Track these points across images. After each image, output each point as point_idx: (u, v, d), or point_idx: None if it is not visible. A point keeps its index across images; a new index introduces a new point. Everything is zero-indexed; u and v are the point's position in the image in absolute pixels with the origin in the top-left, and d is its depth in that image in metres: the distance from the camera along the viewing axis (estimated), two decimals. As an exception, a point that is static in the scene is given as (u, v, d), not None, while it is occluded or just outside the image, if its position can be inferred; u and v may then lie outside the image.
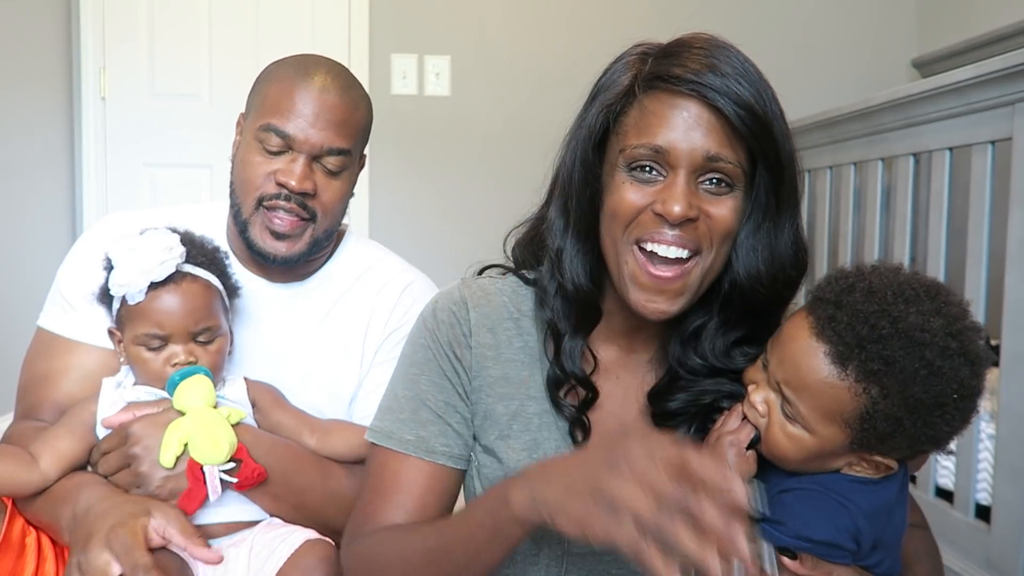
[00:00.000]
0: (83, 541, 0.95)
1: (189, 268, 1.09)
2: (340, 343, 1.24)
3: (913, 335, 0.78)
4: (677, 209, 0.83)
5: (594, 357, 0.96)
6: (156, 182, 3.12)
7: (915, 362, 0.78)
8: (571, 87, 0.98)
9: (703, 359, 0.93)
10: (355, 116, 1.17)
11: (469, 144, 3.24)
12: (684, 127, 0.83)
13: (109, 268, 1.08)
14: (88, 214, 3.07)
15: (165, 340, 1.06)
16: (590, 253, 0.92)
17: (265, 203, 1.14)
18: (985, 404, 1.75)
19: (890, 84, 2.92)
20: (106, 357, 1.15)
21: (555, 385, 0.95)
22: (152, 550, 0.95)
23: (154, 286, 1.05)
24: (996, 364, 1.70)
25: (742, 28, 3.35)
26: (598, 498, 0.66)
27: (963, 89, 1.75)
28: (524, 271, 1.01)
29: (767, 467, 0.89)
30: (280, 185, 1.13)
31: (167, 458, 1.02)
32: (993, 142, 1.70)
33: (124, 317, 1.08)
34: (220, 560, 1.02)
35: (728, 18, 3.28)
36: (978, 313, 1.72)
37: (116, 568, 0.92)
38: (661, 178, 0.85)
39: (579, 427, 0.94)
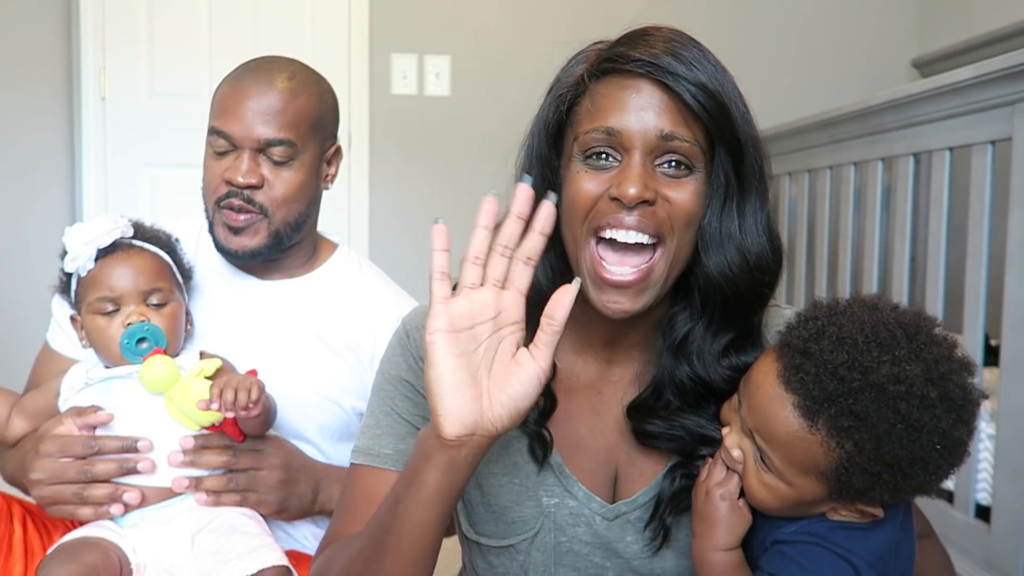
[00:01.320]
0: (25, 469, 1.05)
1: (136, 242, 1.13)
2: (328, 344, 1.25)
3: (887, 388, 0.73)
4: (632, 191, 0.79)
5: (554, 367, 0.88)
6: (156, 182, 3.11)
7: (890, 417, 0.73)
8: (571, 87, 0.97)
9: (691, 368, 0.88)
10: (294, 105, 1.18)
11: (469, 144, 3.23)
12: (636, 108, 0.81)
13: (64, 254, 1.11)
14: (88, 214, 3.06)
15: (117, 304, 1.08)
16: (551, 254, 0.88)
17: (221, 203, 1.18)
18: (985, 404, 1.75)
19: (890, 84, 2.91)
20: None
21: None
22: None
23: (102, 254, 1.09)
24: (996, 364, 1.70)
25: (742, 28, 3.35)
26: None
27: (963, 89, 1.75)
28: None
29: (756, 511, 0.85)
30: (228, 183, 1.17)
31: (191, 427, 1.07)
32: (993, 142, 1.70)
33: (80, 294, 1.11)
34: (110, 418, 1.06)
35: (728, 18, 3.28)
36: (978, 313, 1.72)
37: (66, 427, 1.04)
38: (616, 163, 0.82)
39: (538, 441, 0.90)
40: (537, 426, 0.90)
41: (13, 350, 2.46)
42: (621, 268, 0.82)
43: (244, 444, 1.09)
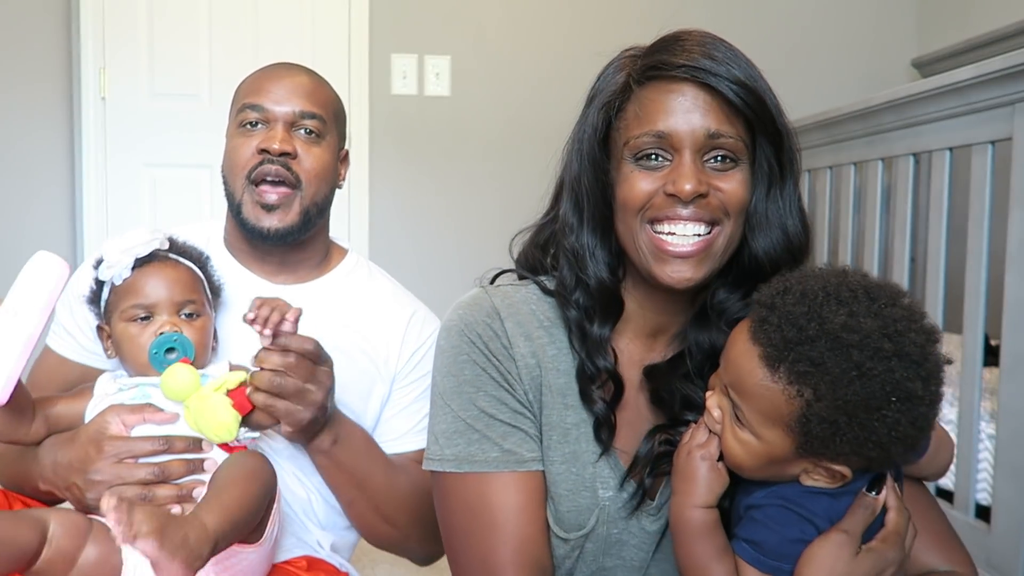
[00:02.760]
0: (76, 463, 1.04)
1: (172, 255, 1.14)
2: (342, 349, 1.23)
3: (840, 336, 0.77)
4: (688, 186, 0.85)
5: (615, 354, 0.96)
6: (156, 182, 3.12)
7: (843, 363, 0.76)
8: (571, 87, 0.97)
9: (717, 329, 0.93)
10: (323, 90, 1.27)
11: (469, 144, 3.24)
12: (682, 110, 0.87)
13: (98, 262, 1.11)
14: (88, 214, 3.06)
15: (151, 312, 1.08)
16: (608, 249, 0.95)
17: (253, 177, 1.20)
18: (985, 404, 1.75)
19: (890, 84, 2.91)
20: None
21: (587, 379, 0.94)
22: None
23: (139, 264, 1.09)
24: (995, 364, 1.70)
25: (742, 28, 3.34)
26: None
27: (963, 89, 1.75)
28: (542, 278, 1.00)
29: (737, 479, 0.88)
30: (263, 152, 1.20)
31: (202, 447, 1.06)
32: (993, 142, 1.70)
33: (112, 302, 1.10)
34: (176, 418, 1.05)
35: (728, 18, 3.28)
36: (978, 313, 1.72)
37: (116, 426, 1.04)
38: (667, 162, 0.88)
39: (606, 426, 0.94)
40: (608, 409, 0.94)
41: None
42: (684, 239, 0.88)
43: (304, 359, 1.06)
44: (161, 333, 1.07)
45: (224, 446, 1.06)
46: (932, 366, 0.79)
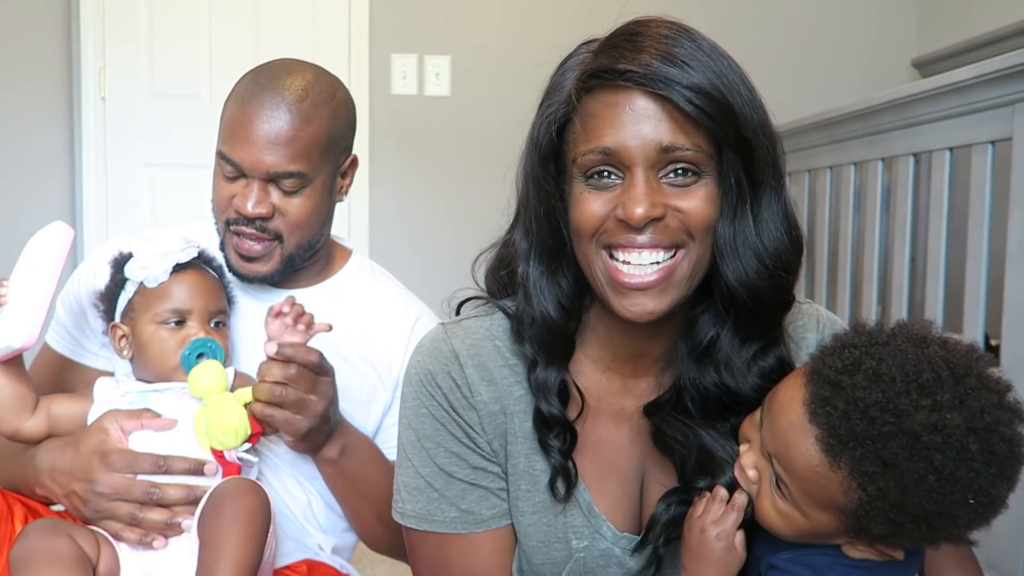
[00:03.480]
0: (78, 472, 1.03)
1: (204, 265, 1.15)
2: (344, 355, 1.22)
3: (921, 436, 0.66)
4: (639, 211, 0.76)
5: (580, 391, 0.88)
6: (156, 182, 3.11)
7: (920, 468, 0.66)
8: (571, 87, 0.97)
9: (719, 376, 0.84)
10: (306, 133, 1.12)
11: (469, 144, 3.23)
12: (631, 122, 0.76)
13: (124, 260, 1.11)
14: (88, 214, 3.06)
15: (184, 318, 1.09)
16: (560, 276, 0.85)
17: (231, 227, 1.16)
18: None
19: (890, 84, 2.91)
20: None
21: (543, 425, 0.87)
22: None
23: (177, 268, 1.10)
24: (996, 365, 1.70)
25: (742, 28, 3.35)
26: None
27: (963, 89, 1.75)
28: (507, 303, 0.91)
29: (758, 528, 0.81)
30: (237, 211, 1.14)
31: (204, 447, 1.06)
32: (993, 142, 1.70)
33: (138, 303, 1.10)
34: (174, 423, 1.05)
35: (728, 19, 3.28)
36: (978, 313, 1.72)
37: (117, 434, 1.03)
38: (619, 180, 0.79)
39: (562, 475, 0.86)
40: (563, 458, 0.86)
41: (13, 350, 2.46)
42: (641, 269, 0.79)
43: (306, 370, 1.06)
44: (194, 339, 1.08)
45: (220, 458, 1.06)
46: (1017, 462, 0.69)
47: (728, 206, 0.79)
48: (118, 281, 1.12)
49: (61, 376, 1.23)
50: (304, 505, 1.21)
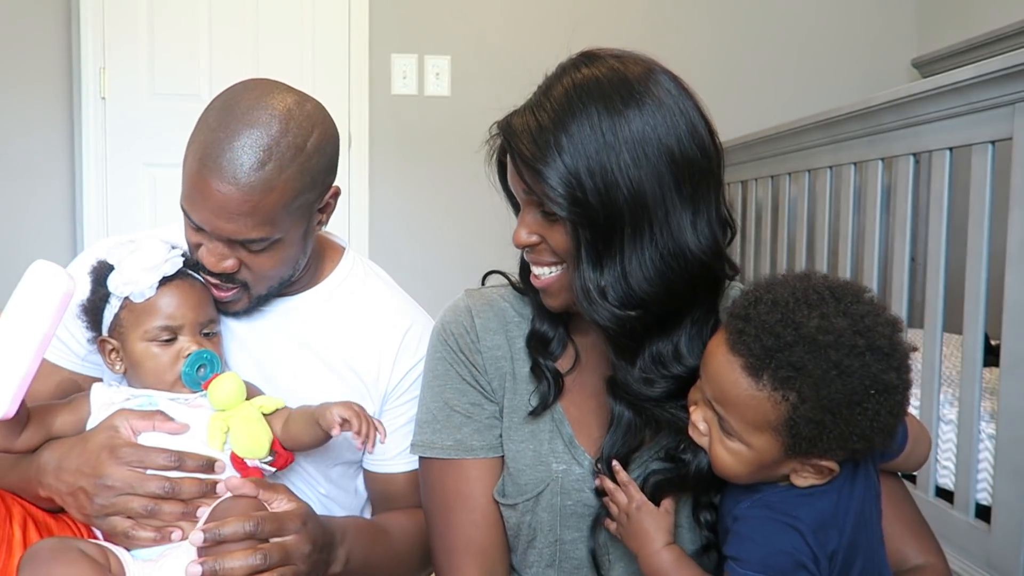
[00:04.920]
0: (86, 467, 1.01)
1: (190, 272, 1.12)
2: (329, 364, 1.21)
3: (816, 338, 0.80)
4: (516, 239, 0.95)
5: (576, 349, 1.04)
6: (156, 182, 3.12)
7: (823, 364, 0.80)
8: (571, 87, 0.97)
9: (667, 372, 0.94)
10: (268, 200, 1.03)
11: (469, 144, 3.20)
12: (516, 172, 0.95)
13: (105, 272, 1.08)
14: (88, 214, 3.07)
15: (175, 333, 1.08)
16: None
17: (199, 268, 1.12)
18: (985, 404, 1.75)
19: (890, 84, 2.91)
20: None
21: (540, 343, 1.03)
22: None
23: (163, 281, 1.08)
24: (996, 364, 1.70)
25: (742, 29, 3.35)
26: None
27: (963, 89, 1.75)
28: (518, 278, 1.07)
29: (725, 488, 0.93)
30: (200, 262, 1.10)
31: (215, 448, 1.05)
32: (993, 142, 1.70)
33: (126, 319, 1.08)
34: (186, 428, 1.05)
35: (728, 19, 3.28)
36: (978, 313, 1.72)
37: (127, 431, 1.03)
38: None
39: (552, 387, 1.01)
40: (550, 361, 1.02)
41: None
42: (538, 270, 0.97)
43: (259, 510, 0.96)
44: (188, 353, 1.07)
45: (242, 466, 1.05)
46: (902, 355, 0.83)
47: (589, 254, 0.89)
48: (102, 296, 1.09)
49: (56, 385, 1.18)
50: (322, 512, 1.19)
